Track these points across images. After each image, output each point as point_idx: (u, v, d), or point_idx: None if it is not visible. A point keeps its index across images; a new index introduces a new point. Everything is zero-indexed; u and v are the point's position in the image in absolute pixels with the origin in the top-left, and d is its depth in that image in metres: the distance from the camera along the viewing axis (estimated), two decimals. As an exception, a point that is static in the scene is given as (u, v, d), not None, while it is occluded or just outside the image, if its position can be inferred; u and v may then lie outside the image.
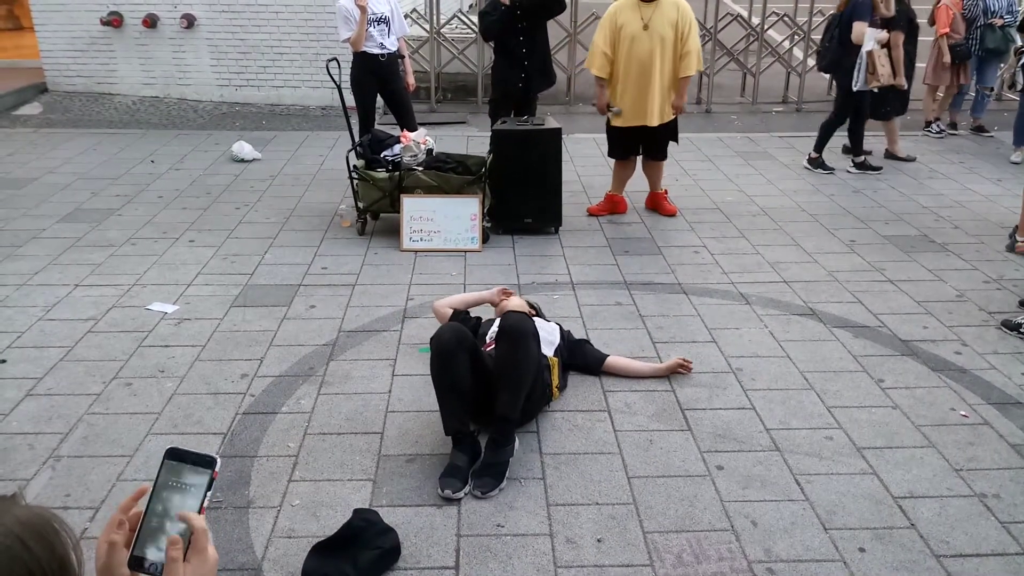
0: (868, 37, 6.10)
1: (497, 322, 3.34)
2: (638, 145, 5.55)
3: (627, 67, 5.23)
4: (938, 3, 7.53)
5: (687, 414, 3.34)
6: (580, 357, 3.62)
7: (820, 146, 6.68)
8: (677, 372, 3.64)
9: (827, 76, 8.12)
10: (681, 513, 2.77)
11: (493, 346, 3.21)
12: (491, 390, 2.99)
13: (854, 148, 6.70)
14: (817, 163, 6.68)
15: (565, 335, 3.62)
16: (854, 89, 6.29)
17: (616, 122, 5.42)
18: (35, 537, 0.81)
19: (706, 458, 3.06)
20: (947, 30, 7.38)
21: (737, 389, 3.52)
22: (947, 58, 7.37)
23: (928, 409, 3.38)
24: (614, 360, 3.63)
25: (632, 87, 5.26)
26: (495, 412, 2.97)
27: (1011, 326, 4.02)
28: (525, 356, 2.99)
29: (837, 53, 6.34)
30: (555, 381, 3.33)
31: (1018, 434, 3.21)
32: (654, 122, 5.30)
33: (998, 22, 7.23)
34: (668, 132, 5.50)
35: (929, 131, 7.84)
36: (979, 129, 7.83)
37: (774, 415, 3.33)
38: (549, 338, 3.43)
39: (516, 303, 3.67)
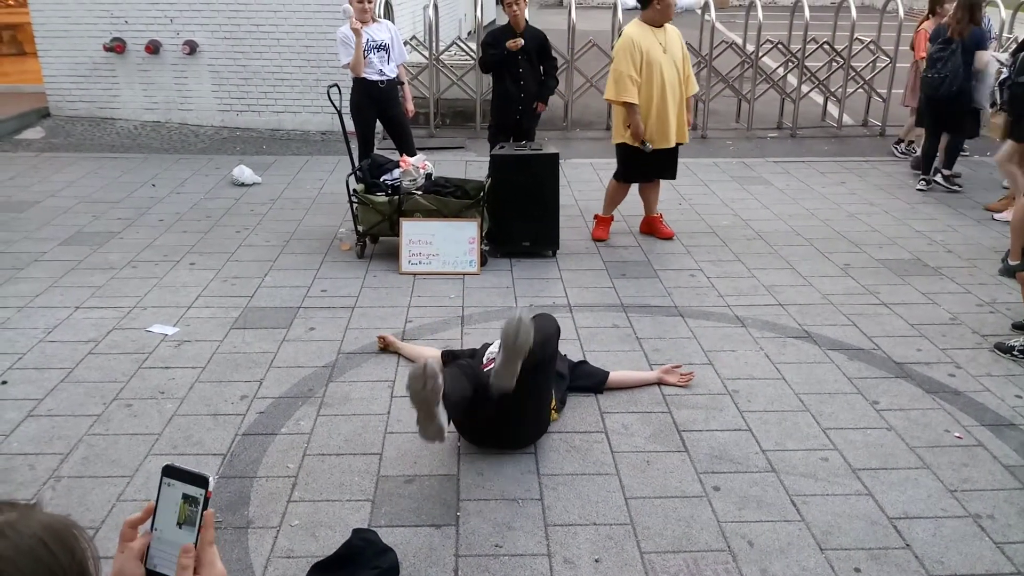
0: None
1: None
2: (655, 168, 5.60)
3: (657, 91, 5.28)
4: (918, 28, 7.79)
5: (684, 435, 3.36)
6: (583, 379, 3.67)
7: (951, 163, 7.02)
8: (675, 385, 3.70)
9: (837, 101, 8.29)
10: (678, 533, 2.79)
11: (492, 365, 3.24)
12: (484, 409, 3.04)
13: (948, 163, 7.05)
14: (953, 179, 7.00)
15: (563, 358, 3.66)
16: (988, 107, 6.63)
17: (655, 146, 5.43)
18: (57, 541, 0.85)
19: (703, 479, 3.08)
20: (924, 54, 7.63)
21: (733, 411, 3.55)
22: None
23: (922, 431, 3.41)
24: (616, 376, 3.71)
25: (658, 111, 5.32)
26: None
27: (1004, 349, 4.06)
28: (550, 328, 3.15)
29: (965, 77, 6.57)
30: (552, 403, 3.36)
31: (1012, 455, 3.24)
32: (672, 142, 5.42)
33: None
34: (677, 151, 5.61)
35: (895, 148, 8.21)
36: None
37: (770, 436, 3.36)
38: None
39: None
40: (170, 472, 1.08)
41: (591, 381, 3.68)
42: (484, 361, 3.42)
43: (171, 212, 6.20)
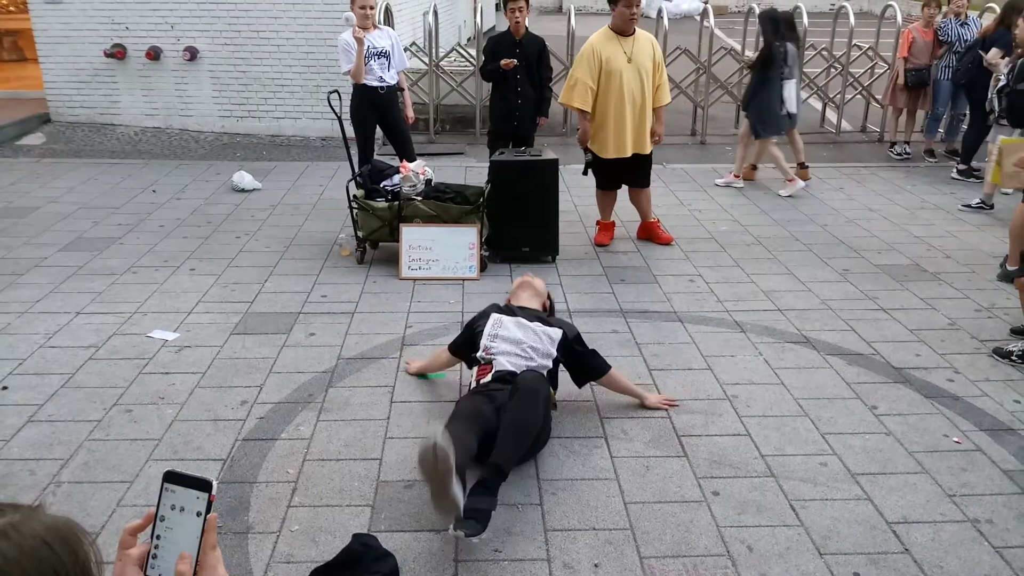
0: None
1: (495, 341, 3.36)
2: (622, 176, 5.63)
3: (615, 100, 5.29)
4: (906, 28, 8.01)
5: (683, 440, 3.37)
6: (585, 364, 3.51)
7: (968, 157, 7.35)
8: (656, 407, 3.59)
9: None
10: (677, 538, 2.79)
11: (488, 353, 3.32)
12: (492, 438, 2.95)
13: (965, 156, 7.41)
14: (968, 173, 7.35)
15: (571, 338, 3.47)
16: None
17: (606, 155, 5.45)
18: (61, 542, 0.86)
19: (702, 484, 3.09)
20: (905, 54, 7.72)
21: (732, 416, 3.56)
22: (900, 80, 7.84)
23: (921, 435, 3.41)
24: (615, 377, 3.54)
25: (618, 120, 5.32)
26: (491, 458, 2.86)
27: (1003, 354, 4.06)
28: (534, 417, 3.03)
29: (975, 72, 7.08)
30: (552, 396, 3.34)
31: (1010, 460, 3.24)
32: (628, 152, 5.41)
33: None
34: (649, 160, 5.62)
35: (892, 152, 8.30)
36: (954, 152, 8.01)
37: (769, 441, 3.36)
38: (545, 349, 3.41)
39: (539, 286, 3.83)
40: (171, 478, 1.08)
41: (587, 369, 3.52)
42: (483, 347, 3.39)
43: (171, 218, 6.22)
